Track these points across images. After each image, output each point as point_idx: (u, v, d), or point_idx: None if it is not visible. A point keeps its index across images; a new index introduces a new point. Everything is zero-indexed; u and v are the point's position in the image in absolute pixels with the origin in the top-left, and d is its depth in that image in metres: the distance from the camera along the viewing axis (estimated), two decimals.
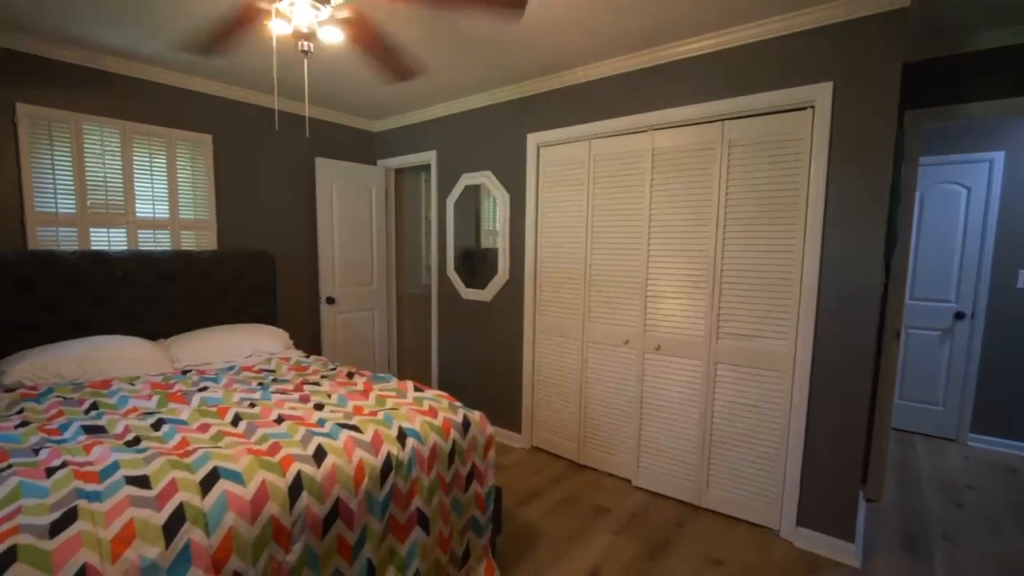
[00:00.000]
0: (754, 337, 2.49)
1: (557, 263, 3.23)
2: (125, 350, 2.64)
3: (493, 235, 3.63)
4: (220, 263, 3.32)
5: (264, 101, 3.61)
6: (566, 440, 3.28)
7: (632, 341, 2.90)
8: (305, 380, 2.50)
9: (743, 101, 2.45)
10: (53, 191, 2.82)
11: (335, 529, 1.64)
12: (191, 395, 2.23)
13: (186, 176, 3.31)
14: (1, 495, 1.34)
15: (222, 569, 1.37)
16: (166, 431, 1.82)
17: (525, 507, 2.71)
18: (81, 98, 2.89)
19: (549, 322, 3.30)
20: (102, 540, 1.23)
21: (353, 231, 4.09)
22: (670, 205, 2.73)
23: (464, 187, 3.68)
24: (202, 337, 2.99)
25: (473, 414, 2.20)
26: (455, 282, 3.82)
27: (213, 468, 1.51)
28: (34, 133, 2.74)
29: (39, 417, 1.95)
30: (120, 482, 1.43)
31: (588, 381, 3.13)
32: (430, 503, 1.93)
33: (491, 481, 2.19)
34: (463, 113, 3.66)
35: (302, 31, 1.84)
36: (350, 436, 1.81)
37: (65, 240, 2.87)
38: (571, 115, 3.07)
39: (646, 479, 2.91)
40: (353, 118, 4.15)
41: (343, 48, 2.70)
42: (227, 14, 1.90)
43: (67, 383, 2.37)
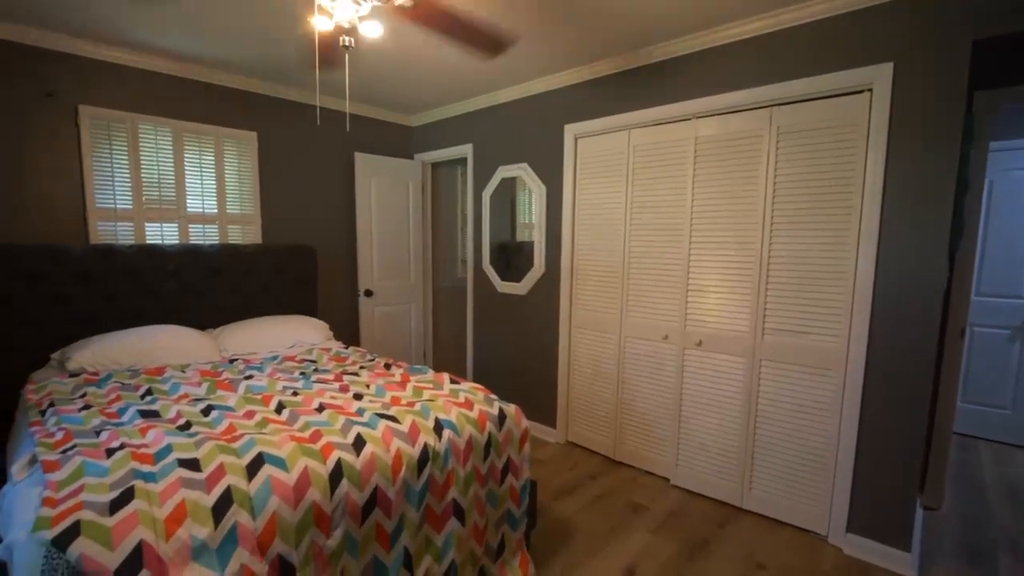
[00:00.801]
0: (802, 334, 2.38)
1: (594, 256, 3.18)
2: (177, 339, 2.77)
3: (529, 228, 3.61)
4: (264, 256, 3.43)
5: (305, 98, 3.69)
6: (602, 436, 3.24)
7: (672, 336, 2.83)
8: (345, 370, 2.55)
9: (794, 86, 2.33)
10: (112, 188, 2.97)
11: (373, 517, 1.67)
12: (238, 383, 2.31)
13: (233, 172, 3.43)
14: (67, 473, 1.42)
15: (266, 551, 1.41)
16: (215, 417, 1.89)
17: (560, 502, 2.69)
18: (137, 99, 3.03)
19: (585, 316, 3.26)
20: (157, 519, 1.28)
21: (391, 225, 4.15)
22: (713, 196, 2.63)
23: (500, 180, 3.67)
24: (248, 328, 3.10)
25: (509, 407, 2.20)
26: (490, 276, 3.82)
27: (258, 454, 1.56)
28: (95, 133, 2.89)
29: (100, 401, 2.07)
30: (173, 464, 1.49)
31: (625, 376, 3.08)
32: (466, 495, 1.93)
33: (526, 475, 2.18)
34: (500, 105, 3.64)
35: (343, 26, 1.86)
36: (388, 426, 1.83)
37: (122, 234, 3.02)
38: (609, 104, 3.01)
39: (685, 478, 2.84)
40: (391, 113, 4.19)
41: (382, 42, 2.72)
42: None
43: (124, 369, 2.50)
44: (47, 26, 2.60)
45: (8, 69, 2.62)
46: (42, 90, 2.73)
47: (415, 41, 2.69)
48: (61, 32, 2.68)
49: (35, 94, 2.71)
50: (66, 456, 1.53)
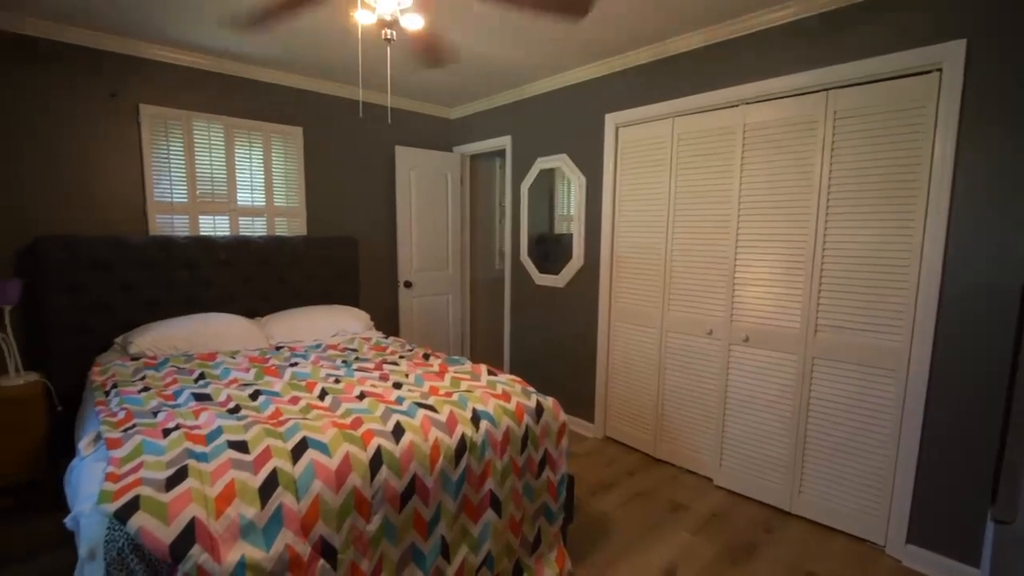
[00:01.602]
0: (860, 331, 2.25)
1: (635, 248, 3.10)
2: (228, 327, 2.89)
3: (567, 220, 3.56)
4: (309, 247, 3.53)
5: (347, 93, 3.76)
6: (641, 432, 3.17)
7: (717, 331, 2.73)
8: (384, 360, 2.59)
9: (852, 68, 2.18)
10: (168, 182, 3.12)
11: (412, 504, 1.69)
12: (283, 369, 2.39)
13: (279, 166, 3.54)
14: (128, 450, 1.51)
15: (309, 533, 1.45)
16: (262, 401, 1.96)
17: (597, 498, 2.65)
18: (191, 97, 3.16)
19: (625, 309, 3.19)
20: (208, 497, 1.34)
21: (430, 217, 4.19)
22: (763, 185, 2.51)
23: (539, 171, 3.64)
24: (293, 316, 3.20)
25: (546, 400, 2.18)
26: (528, 267, 3.80)
27: (303, 438, 1.60)
28: (154, 131, 3.04)
29: (157, 384, 2.18)
30: (223, 446, 1.55)
31: (666, 372, 3.00)
32: (502, 486, 1.93)
33: (564, 469, 2.16)
34: (538, 96, 3.60)
35: (385, 19, 1.87)
36: (426, 415, 1.85)
37: (178, 226, 3.17)
38: (653, 92, 2.92)
39: (729, 478, 2.74)
40: (430, 105, 4.22)
41: (424, 34, 2.72)
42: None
43: (180, 354, 2.63)
44: (111, 30, 2.74)
45: (76, 71, 2.79)
46: (107, 91, 2.88)
47: (455, 32, 2.68)
48: (124, 35, 2.82)
49: (100, 95, 2.87)
50: (127, 434, 1.62)
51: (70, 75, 2.78)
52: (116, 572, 1.19)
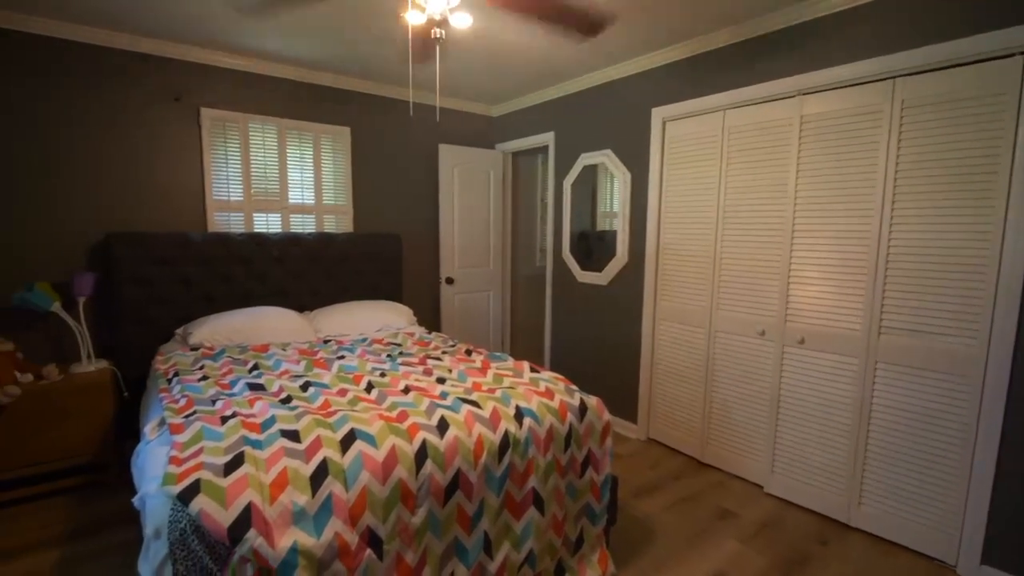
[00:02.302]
0: (929, 334, 2.10)
1: (682, 245, 3.01)
2: (280, 320, 2.99)
3: (610, 217, 3.50)
4: (355, 244, 3.62)
5: (393, 93, 3.83)
6: (687, 435, 3.08)
7: (770, 332, 2.61)
8: (428, 355, 2.62)
9: (922, 53, 2.03)
10: (226, 181, 3.26)
11: (455, 499, 1.70)
12: (331, 362, 2.45)
13: (328, 165, 3.64)
14: (189, 436, 1.58)
15: (357, 523, 1.47)
16: (312, 393, 2.02)
17: (641, 501, 2.59)
18: (247, 100, 3.29)
19: (671, 307, 3.10)
20: (263, 484, 1.38)
21: (472, 214, 4.22)
22: (821, 179, 2.38)
23: (582, 167, 3.59)
24: (340, 311, 3.29)
25: (590, 399, 2.14)
26: (570, 264, 3.76)
27: (351, 430, 1.64)
28: (213, 133, 3.19)
29: (215, 373, 2.28)
30: (276, 434, 1.60)
31: (715, 373, 2.90)
32: (545, 484, 1.91)
33: (607, 469, 2.12)
34: (582, 92, 3.55)
35: (435, 19, 1.89)
36: (470, 411, 1.85)
37: (234, 224, 3.31)
38: (702, 85, 2.82)
39: (781, 486, 2.62)
40: (473, 104, 4.24)
41: (467, 33, 2.74)
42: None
43: (235, 345, 2.75)
44: (176, 38, 2.89)
45: (143, 77, 2.95)
46: (171, 95, 3.04)
47: (499, 30, 2.67)
48: (187, 43, 2.96)
49: (165, 99, 3.03)
50: (188, 420, 1.70)
51: (139, 82, 2.94)
52: (179, 551, 1.24)
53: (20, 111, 2.66)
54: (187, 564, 1.24)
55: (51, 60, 2.71)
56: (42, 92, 2.70)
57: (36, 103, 2.69)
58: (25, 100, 2.66)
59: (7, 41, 2.60)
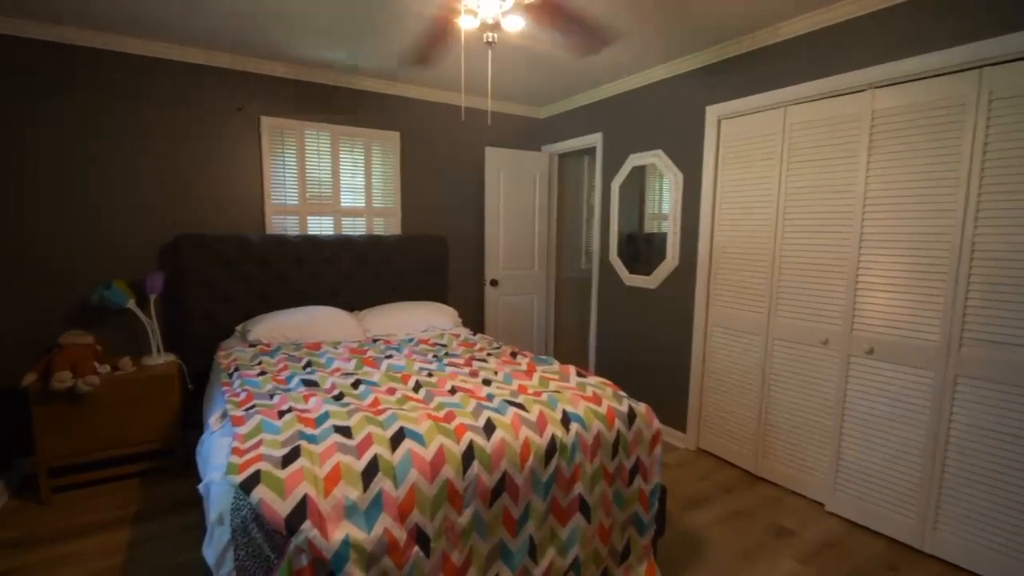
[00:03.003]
0: (1018, 346, 1.92)
1: (737, 248, 2.89)
2: (332, 319, 3.09)
3: (659, 219, 3.41)
4: (403, 246, 3.69)
5: (441, 98, 3.88)
6: (740, 447, 2.95)
7: (834, 341, 2.46)
8: (473, 356, 2.63)
9: (1016, 40, 1.86)
10: (283, 186, 3.40)
11: (501, 501, 1.69)
12: (380, 361, 2.50)
13: (378, 169, 3.73)
14: (249, 428, 1.64)
15: (405, 520, 1.49)
16: (363, 390, 2.06)
17: (691, 513, 2.50)
18: (303, 108, 3.42)
19: (725, 313, 2.99)
20: (318, 477, 1.42)
21: (517, 217, 4.22)
22: (894, 177, 2.23)
23: (631, 168, 3.52)
24: (388, 311, 3.36)
25: (639, 406, 2.09)
26: (617, 268, 3.69)
27: (400, 428, 1.66)
28: (272, 140, 3.34)
29: (272, 369, 2.37)
30: (330, 430, 1.64)
31: (772, 383, 2.76)
32: (592, 491, 1.87)
33: (656, 479, 2.06)
34: (633, 91, 3.48)
35: (488, 23, 1.90)
36: (517, 414, 1.84)
37: (290, 226, 3.45)
38: (761, 81, 2.70)
39: (843, 505, 2.46)
40: (519, 106, 4.25)
41: (517, 36, 2.74)
42: (429, 27, 2.05)
43: (290, 343, 2.85)
44: (238, 51, 3.04)
45: (208, 89, 3.12)
46: (234, 105, 3.20)
47: (549, 32, 2.65)
48: (249, 55, 3.12)
49: (228, 109, 3.19)
50: (248, 413, 1.77)
51: (207, 95, 3.12)
52: (240, 538, 1.29)
53: (104, 125, 2.87)
54: (247, 550, 1.29)
55: (133, 77, 2.91)
56: (124, 107, 2.90)
57: (112, 116, 2.89)
58: (108, 115, 2.87)
59: (98, 62, 2.82)
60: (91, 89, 2.82)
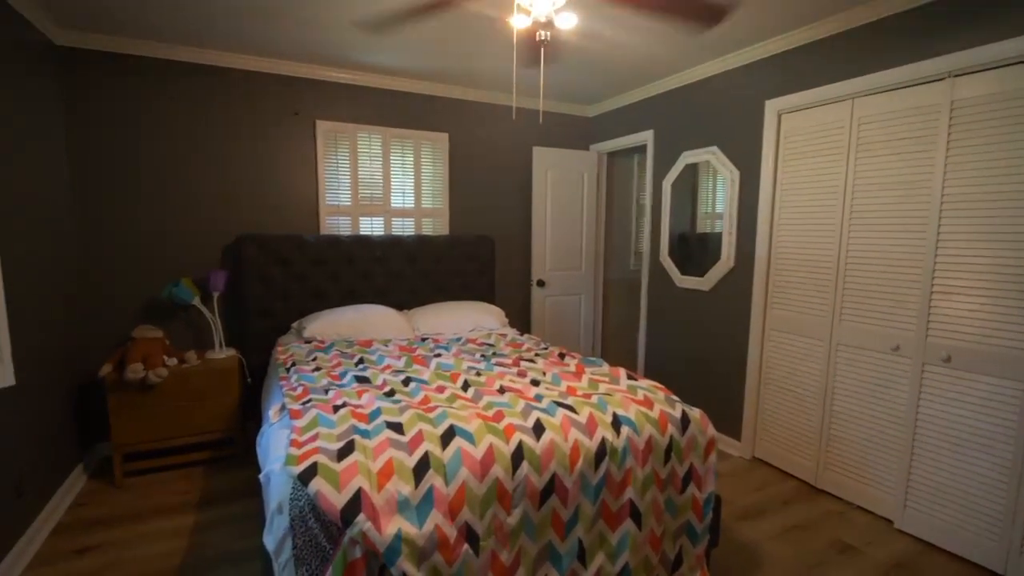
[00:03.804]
0: None
1: (798, 249, 2.75)
2: (382, 317, 3.16)
3: (711, 218, 3.29)
4: (451, 246, 3.73)
5: (488, 98, 3.90)
6: (800, 457, 2.80)
7: (906, 347, 2.30)
8: (521, 356, 2.62)
9: None
10: (336, 188, 3.51)
11: (550, 503, 1.67)
12: (429, 359, 2.53)
13: (427, 170, 3.79)
14: (306, 421, 1.70)
15: (455, 517, 1.49)
16: (413, 388, 2.09)
17: (746, 524, 2.40)
18: (356, 112, 3.52)
19: (784, 316, 2.85)
20: (371, 471, 1.44)
21: (564, 216, 4.18)
22: (977, 173, 2.05)
23: (684, 166, 3.41)
24: (436, 310, 3.40)
25: (693, 411, 2.02)
26: (668, 268, 3.59)
27: (450, 426, 1.67)
28: (326, 143, 3.45)
29: (326, 365, 2.44)
30: (382, 425, 1.67)
31: (836, 391, 2.61)
32: (643, 497, 1.82)
33: (711, 487, 1.98)
34: (686, 87, 3.38)
35: (541, 21, 1.88)
36: (566, 415, 1.81)
37: (343, 227, 3.56)
38: (826, 72, 2.56)
39: (916, 524, 2.29)
40: (568, 105, 4.21)
41: (569, 33, 2.71)
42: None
43: (343, 340, 2.94)
44: (294, 57, 3.16)
45: (266, 95, 3.26)
46: (290, 110, 3.34)
47: (601, 29, 2.62)
48: (304, 61, 3.23)
49: (285, 114, 3.33)
50: (305, 407, 1.83)
51: (265, 100, 3.26)
52: (298, 527, 1.33)
53: (172, 131, 3.05)
54: (305, 539, 1.33)
55: (199, 86, 3.08)
56: (190, 114, 3.08)
57: (179, 123, 3.07)
58: (176, 122, 3.05)
59: (172, 71, 3.01)
60: (164, 99, 3.01)
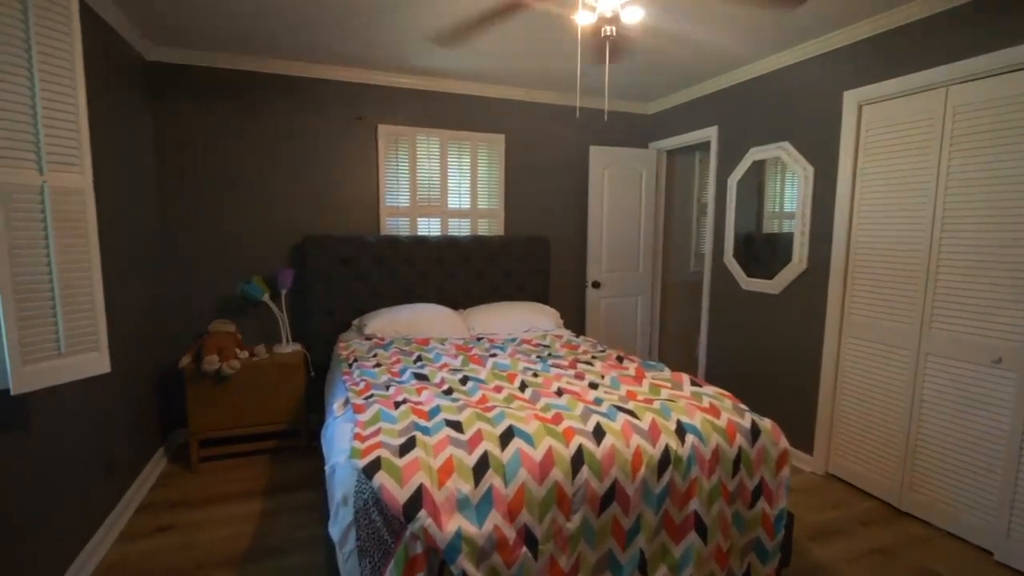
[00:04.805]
0: None
1: (881, 250, 2.54)
2: (439, 316, 3.20)
3: (779, 217, 3.11)
4: (506, 246, 3.73)
5: (545, 98, 3.87)
6: (880, 476, 2.58)
7: (1010, 360, 2.06)
8: (577, 358, 2.57)
9: None
10: (396, 189, 3.60)
11: (611, 510, 1.62)
12: (485, 359, 2.53)
13: (483, 171, 3.81)
14: (369, 416, 1.73)
15: (515, 519, 1.47)
16: (470, 387, 2.09)
17: (820, 545, 2.23)
18: (416, 115, 3.60)
19: (864, 323, 2.64)
20: (432, 468, 1.45)
21: (621, 217, 4.08)
22: None
23: (751, 163, 3.24)
24: (491, 310, 3.41)
25: (764, 421, 1.90)
26: (733, 270, 3.42)
27: (509, 426, 1.65)
28: (387, 146, 3.54)
29: (386, 361, 2.50)
30: (441, 423, 1.68)
31: (924, 405, 2.38)
32: (709, 510, 1.73)
33: (783, 503, 1.86)
34: (754, 80, 3.21)
35: (606, 16, 1.84)
36: (627, 420, 1.76)
37: (401, 228, 3.64)
38: (915, 59, 2.35)
39: (1021, 557, 2.05)
40: (626, 103, 4.11)
41: (632, 29, 2.63)
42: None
43: (401, 337, 3.00)
44: (360, 65, 3.27)
45: (332, 101, 3.39)
46: (354, 115, 3.45)
47: (667, 22, 2.53)
48: (367, 68, 3.33)
49: (349, 119, 3.44)
50: (368, 402, 1.87)
51: (330, 106, 3.39)
52: (362, 519, 1.36)
53: (245, 137, 3.23)
54: (368, 532, 1.35)
55: (273, 94, 3.24)
56: (262, 120, 3.25)
57: (251, 129, 3.24)
58: (249, 128, 3.23)
59: (248, 82, 3.19)
60: (239, 108, 3.19)
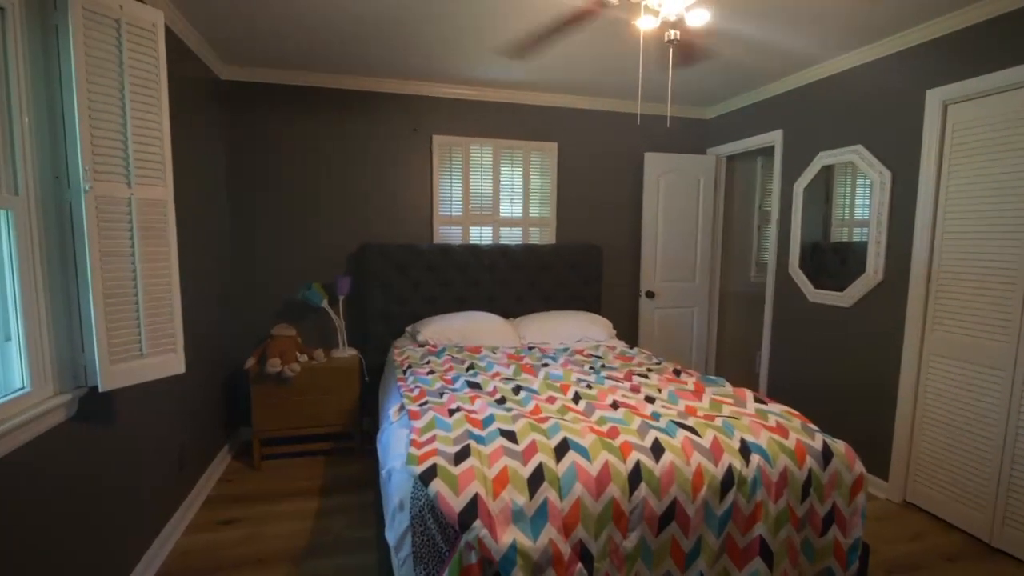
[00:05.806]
0: None
1: (970, 261, 2.33)
2: (491, 325, 3.22)
3: (850, 225, 2.92)
4: (557, 255, 3.71)
5: (598, 105, 3.83)
6: (968, 507, 2.35)
7: None
8: (632, 371, 2.51)
9: None
10: (449, 199, 3.66)
11: (670, 530, 1.56)
12: (537, 369, 2.52)
13: (536, 180, 3.81)
14: (424, 423, 1.75)
15: (570, 534, 1.44)
16: (523, 397, 2.08)
17: None
18: (469, 125, 3.65)
19: (949, 340, 2.42)
20: (487, 478, 1.44)
21: (677, 225, 3.97)
22: None
23: (819, 168, 3.07)
24: (542, 319, 3.39)
25: (836, 444, 1.78)
26: (799, 281, 3.24)
27: (564, 438, 1.62)
28: (441, 156, 3.61)
29: (439, 369, 2.53)
30: (495, 433, 1.67)
31: (1022, 431, 2.16)
32: (775, 535, 1.63)
33: (858, 532, 1.74)
34: (822, 81, 3.05)
35: (670, 20, 1.80)
36: (687, 437, 1.69)
37: (454, 236, 3.69)
38: (1007, 53, 2.15)
39: None
40: (683, 107, 4.01)
41: (695, 32, 2.57)
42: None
43: (453, 345, 3.03)
44: (416, 78, 3.36)
45: (389, 113, 3.50)
46: (410, 127, 3.54)
47: (729, 23, 2.45)
48: (422, 80, 3.42)
49: (405, 130, 3.54)
50: (423, 409, 1.90)
51: (386, 118, 3.50)
52: (418, 526, 1.37)
53: (306, 148, 3.38)
54: (423, 538, 1.36)
55: (333, 108, 3.39)
56: (323, 133, 3.40)
57: (314, 140, 3.39)
58: (312, 140, 3.38)
59: (311, 97, 3.35)
60: (303, 121, 3.35)
